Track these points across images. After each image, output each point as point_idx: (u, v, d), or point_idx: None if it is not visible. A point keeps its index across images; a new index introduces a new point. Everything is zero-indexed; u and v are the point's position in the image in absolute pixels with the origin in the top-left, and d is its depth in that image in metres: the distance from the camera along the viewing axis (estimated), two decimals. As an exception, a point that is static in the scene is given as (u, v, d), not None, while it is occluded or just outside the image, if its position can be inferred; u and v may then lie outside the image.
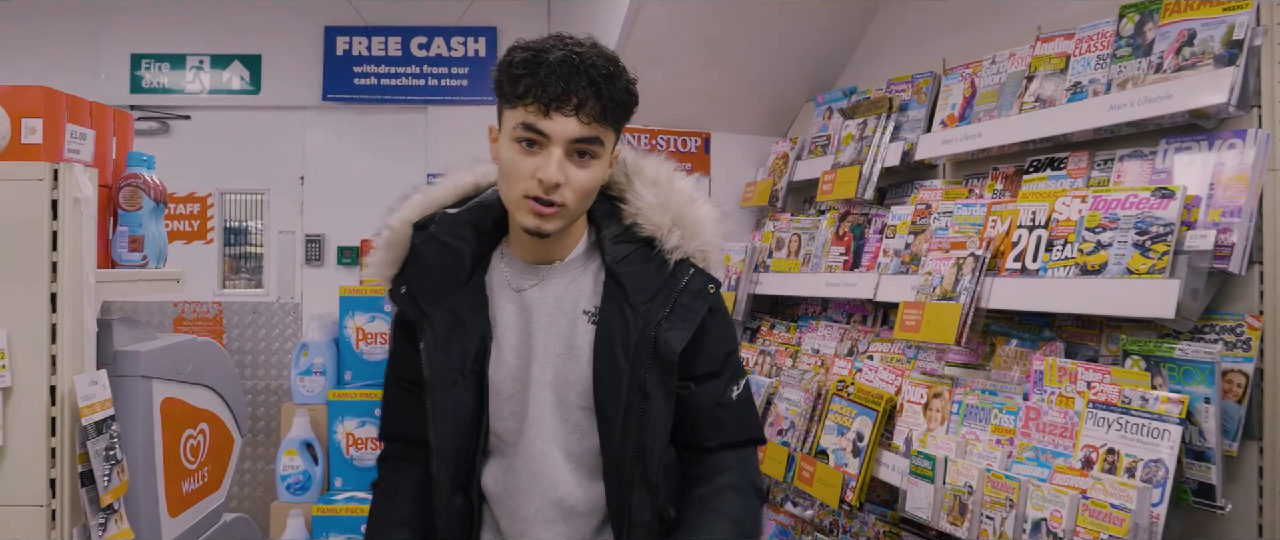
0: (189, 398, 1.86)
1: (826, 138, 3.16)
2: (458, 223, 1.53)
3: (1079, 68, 2.10)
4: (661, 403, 1.46)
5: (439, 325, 1.48)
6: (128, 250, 1.81)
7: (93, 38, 4.65)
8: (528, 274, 1.53)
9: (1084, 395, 1.83)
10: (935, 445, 2.11)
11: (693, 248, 1.52)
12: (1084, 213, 1.91)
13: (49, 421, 1.66)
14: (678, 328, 1.47)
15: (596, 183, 1.45)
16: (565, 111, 1.36)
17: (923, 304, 2.22)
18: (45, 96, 1.66)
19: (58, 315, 1.65)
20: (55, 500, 1.65)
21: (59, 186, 1.65)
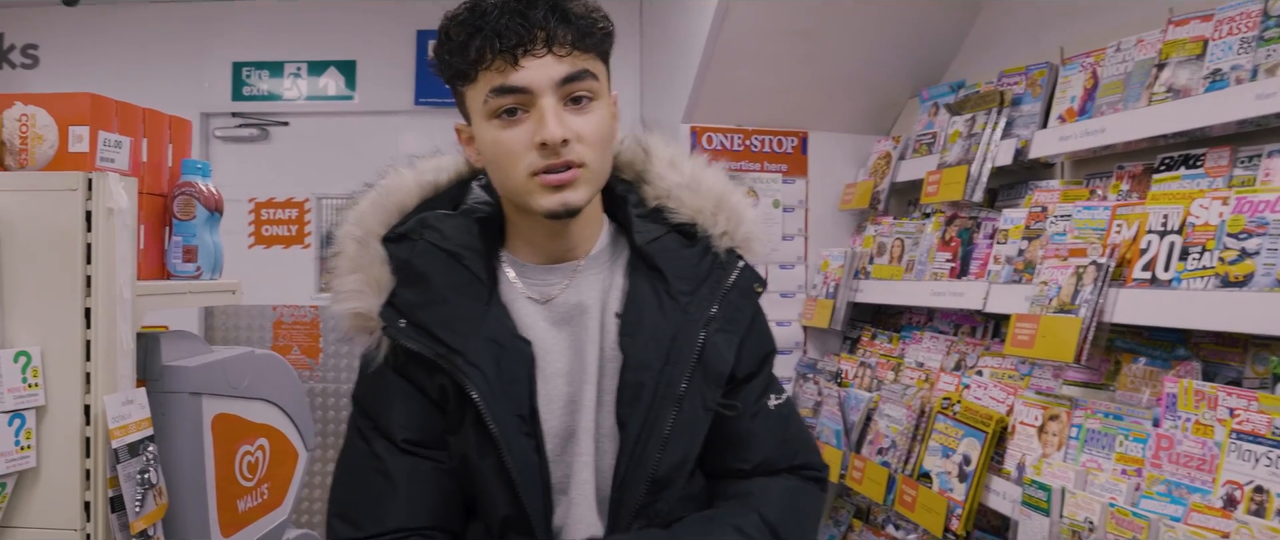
0: (245, 413, 1.81)
1: (932, 135, 2.98)
2: (463, 228, 1.25)
3: (1219, 53, 1.88)
4: (696, 419, 1.21)
5: (485, 361, 1.17)
6: (182, 260, 1.79)
7: (197, 47, 4.79)
8: (548, 278, 1.27)
9: (1226, 424, 1.63)
10: (1051, 473, 1.93)
11: (741, 236, 1.29)
12: (1225, 216, 1.71)
13: (83, 442, 1.60)
14: (727, 331, 1.23)
15: (608, 129, 1.19)
16: (536, 52, 1.12)
17: (1037, 317, 2.04)
18: (92, 104, 1.63)
19: (92, 331, 1.58)
20: (90, 524, 1.58)
21: (93, 197, 1.59)
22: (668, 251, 1.25)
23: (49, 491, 1.61)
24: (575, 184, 1.16)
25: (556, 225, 1.22)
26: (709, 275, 1.25)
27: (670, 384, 1.19)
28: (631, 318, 1.23)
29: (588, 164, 1.17)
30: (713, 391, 1.22)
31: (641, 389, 1.19)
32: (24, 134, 1.55)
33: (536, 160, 1.15)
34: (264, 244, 4.83)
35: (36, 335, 1.60)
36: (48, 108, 1.65)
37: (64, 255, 1.59)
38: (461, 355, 1.18)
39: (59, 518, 1.59)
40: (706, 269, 1.26)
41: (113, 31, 4.78)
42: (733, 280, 1.26)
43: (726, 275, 1.26)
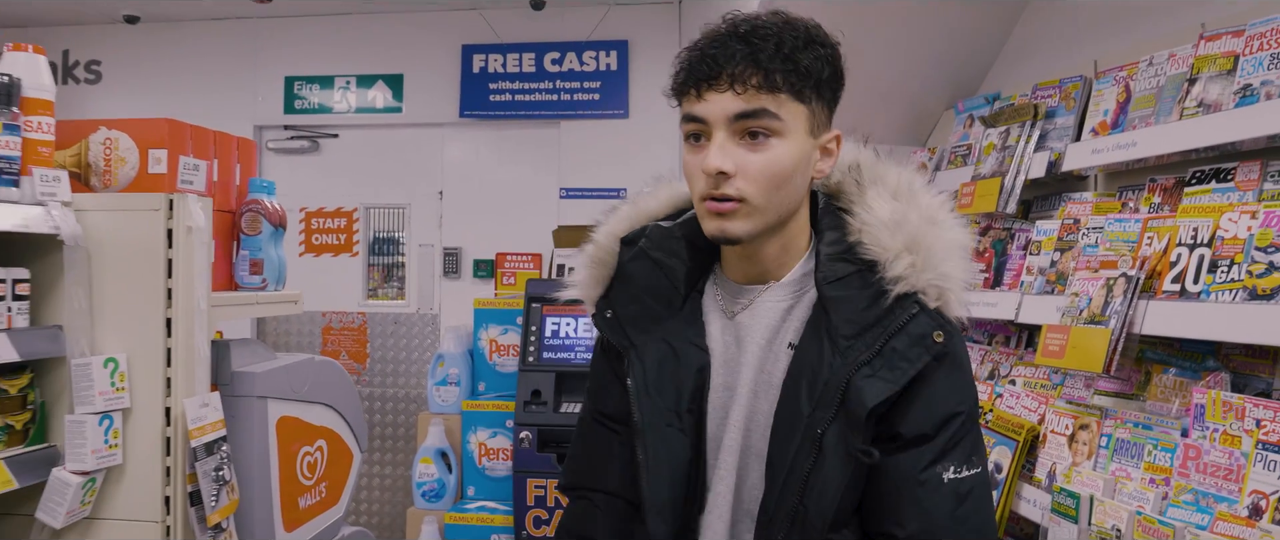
0: (306, 416, 1.95)
1: (967, 147, 3.01)
2: (671, 237, 1.34)
3: (1249, 68, 1.90)
4: (836, 465, 1.19)
5: (649, 357, 1.29)
6: (248, 273, 1.92)
7: (251, 62, 4.95)
8: (739, 296, 1.32)
9: (1253, 434, 1.65)
10: (1080, 482, 1.96)
11: (925, 281, 1.22)
12: (1254, 230, 1.73)
13: (164, 441, 1.74)
14: (881, 377, 1.19)
15: (784, 169, 1.20)
16: (718, 87, 1.18)
17: (1068, 328, 2.07)
18: (170, 128, 1.77)
19: (172, 339, 1.73)
20: (169, 517, 1.73)
21: (174, 216, 1.73)
22: (840, 295, 1.24)
23: (133, 486, 1.77)
24: (733, 216, 1.21)
25: (739, 249, 1.29)
26: (878, 321, 1.21)
27: (813, 426, 1.20)
28: (800, 357, 1.24)
29: (748, 199, 1.20)
30: (857, 436, 1.19)
31: (794, 427, 1.22)
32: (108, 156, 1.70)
33: (705, 186, 1.21)
34: (314, 252, 4.98)
35: (123, 343, 1.74)
36: (129, 132, 1.80)
37: (148, 270, 1.74)
38: (635, 348, 1.31)
39: (142, 510, 1.75)
40: (876, 315, 1.22)
41: (171, 48, 4.96)
42: (902, 325, 1.20)
43: (894, 321, 1.21)
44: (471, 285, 4.81)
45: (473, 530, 3.63)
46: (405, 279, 4.98)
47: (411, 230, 4.97)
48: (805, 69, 1.22)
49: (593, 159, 4.71)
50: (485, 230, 4.79)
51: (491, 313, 3.89)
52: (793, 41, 1.21)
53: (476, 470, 3.81)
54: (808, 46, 1.23)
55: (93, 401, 1.70)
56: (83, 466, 1.72)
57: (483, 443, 3.81)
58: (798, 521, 1.20)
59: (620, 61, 4.70)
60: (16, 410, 1.74)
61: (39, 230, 1.66)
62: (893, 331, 1.20)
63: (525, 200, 4.76)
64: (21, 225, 1.61)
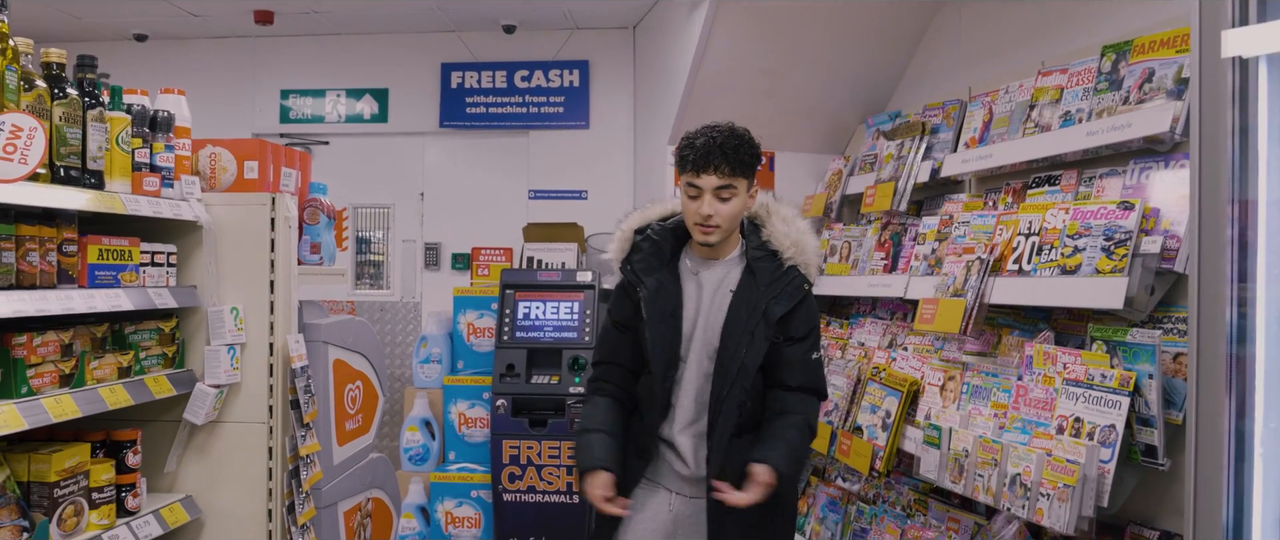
0: (351, 361, 2.55)
1: (874, 156, 3.47)
2: (665, 231, 2.29)
3: (1069, 98, 2.38)
4: (760, 343, 2.16)
5: (650, 286, 2.24)
6: (309, 253, 2.40)
7: (250, 76, 5.29)
8: (701, 265, 2.28)
9: (1061, 374, 2.12)
10: (944, 419, 2.43)
11: (800, 260, 2.24)
12: (1066, 222, 2.21)
13: (268, 367, 2.47)
14: (781, 303, 2.18)
15: (737, 212, 2.17)
16: (708, 172, 2.12)
17: (937, 300, 2.54)
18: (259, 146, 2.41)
19: (274, 295, 2.44)
20: (272, 420, 2.46)
21: (275, 210, 2.43)
22: (761, 266, 2.22)
23: (247, 399, 2.51)
24: (711, 234, 2.18)
25: (704, 248, 2.24)
26: (778, 277, 2.21)
27: (748, 326, 2.17)
28: (739, 295, 2.21)
29: (721, 226, 2.16)
30: (770, 330, 2.17)
31: (737, 326, 2.18)
32: (213, 167, 2.23)
33: (698, 219, 2.17)
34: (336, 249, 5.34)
35: (240, 297, 2.47)
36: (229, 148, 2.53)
37: (256, 246, 2.46)
38: (644, 284, 2.24)
39: (254, 415, 2.50)
40: (777, 274, 2.21)
41: (176, 63, 5.28)
42: (789, 279, 2.21)
43: (787, 277, 2.21)
44: (450, 276, 5.19)
45: (455, 488, 4.01)
46: (387, 271, 5.34)
47: (395, 228, 5.34)
48: (748, 162, 2.16)
49: (557, 165, 5.11)
50: (462, 227, 5.16)
51: (469, 299, 4.26)
52: (743, 148, 2.14)
53: (457, 437, 4.17)
54: (749, 148, 2.16)
55: (223, 336, 2.41)
56: (217, 381, 2.42)
57: (462, 413, 4.16)
58: (740, 370, 2.16)
59: (582, 79, 5.12)
60: (168, 343, 2.44)
61: (185, 217, 2.34)
62: (786, 282, 2.21)
63: (498, 201, 5.15)
64: (176, 214, 2.32)
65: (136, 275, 2.28)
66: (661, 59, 4.28)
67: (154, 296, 2.27)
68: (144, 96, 2.39)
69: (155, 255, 2.36)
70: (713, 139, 2.13)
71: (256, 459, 2.51)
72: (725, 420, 2.19)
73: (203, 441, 2.53)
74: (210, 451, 2.54)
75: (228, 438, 2.52)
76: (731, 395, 2.18)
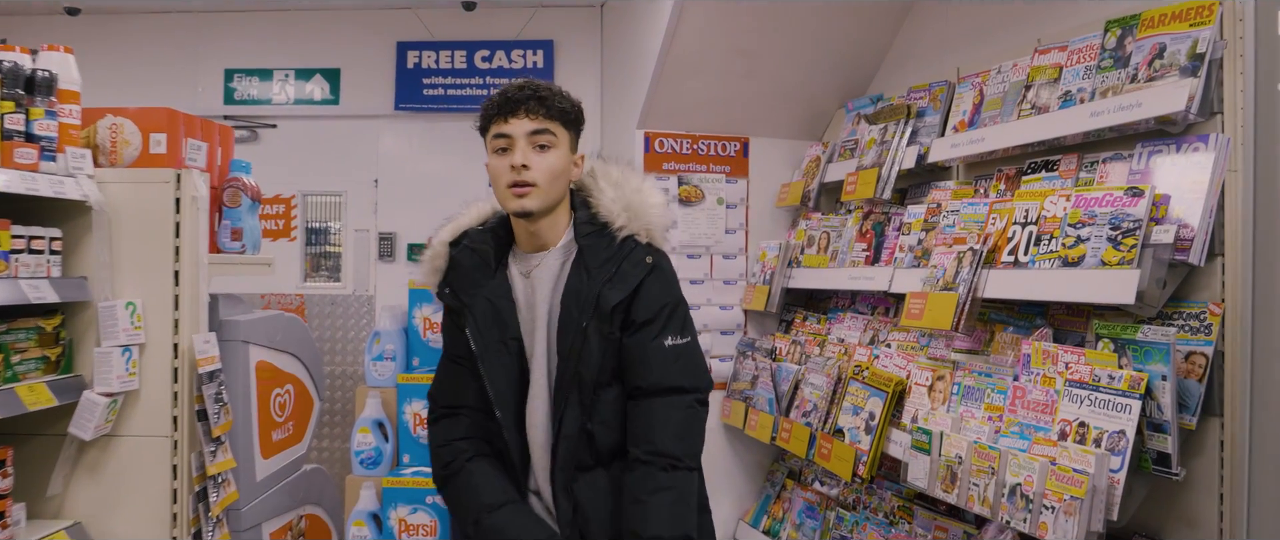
0: (278, 362, 2.26)
1: (855, 142, 3.33)
2: (482, 234, 1.96)
3: (1070, 77, 2.25)
4: (595, 344, 1.84)
5: (477, 310, 1.89)
6: (230, 240, 2.16)
7: (192, 54, 5.04)
8: (528, 260, 1.93)
9: (1063, 375, 1.99)
10: (934, 422, 2.29)
11: (638, 226, 1.90)
12: (1067, 210, 2.07)
13: (172, 371, 2.14)
14: (616, 287, 1.84)
15: (559, 168, 1.85)
16: (519, 115, 1.83)
17: (926, 294, 2.39)
18: (168, 116, 2.06)
19: (180, 288, 2.11)
20: (176, 433, 2.14)
21: (181, 188, 2.11)
22: (590, 244, 1.88)
23: (147, 408, 2.19)
24: (529, 196, 1.83)
25: (526, 223, 1.88)
26: (614, 255, 1.87)
27: (581, 324, 1.84)
28: (569, 289, 1.88)
29: (538, 184, 1.83)
30: (606, 326, 1.84)
31: (568, 327, 1.86)
32: (113, 139, 1.97)
33: (509, 176, 1.83)
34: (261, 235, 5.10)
35: (139, 291, 2.15)
36: (132, 118, 2.19)
37: (159, 231, 2.14)
38: (469, 307, 1.90)
39: (155, 428, 2.19)
40: (612, 251, 1.88)
41: (112, 39, 5.01)
42: (625, 254, 1.87)
43: (622, 252, 1.88)
44: (406, 268, 4.98)
45: (409, 493, 3.82)
46: (341, 263, 5.13)
47: (347, 217, 5.12)
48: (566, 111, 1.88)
49: (521, 151, 4.91)
50: (419, 216, 4.94)
51: (425, 293, 4.06)
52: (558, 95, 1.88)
53: (412, 438, 3.98)
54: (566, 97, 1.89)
55: (117, 336, 2.10)
56: (109, 388, 2.11)
57: (417, 413, 3.97)
58: (577, 383, 1.84)
59: (546, 60, 4.93)
60: (51, 345, 2.14)
61: (71, 196, 2.04)
62: (621, 259, 1.87)
63: (457, 188, 4.89)
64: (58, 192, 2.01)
65: (6, 264, 2.00)
66: (630, 39, 4.12)
67: (28, 290, 1.99)
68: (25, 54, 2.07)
69: (33, 241, 2.05)
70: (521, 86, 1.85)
71: (158, 479, 2.20)
72: (567, 453, 1.84)
73: (94, 459, 2.23)
74: (103, 471, 2.23)
75: (124, 455, 2.20)
76: (569, 418, 1.84)
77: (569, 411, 1.84)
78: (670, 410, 1.85)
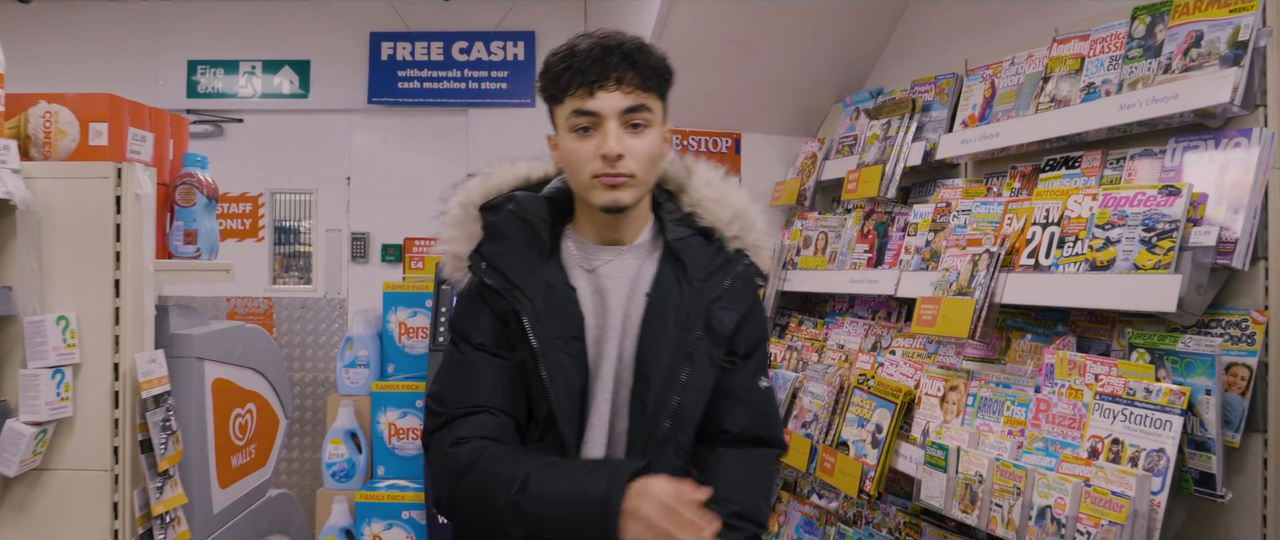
0: (238, 379, 2.01)
1: (853, 138, 3.21)
2: (538, 201, 1.58)
3: (1093, 69, 2.13)
4: (706, 371, 1.53)
5: (535, 294, 1.50)
6: (183, 243, 1.95)
7: (152, 45, 4.84)
8: (597, 254, 1.57)
9: (1092, 388, 1.87)
10: (949, 436, 2.16)
11: (750, 241, 1.63)
12: (1094, 210, 1.95)
13: (112, 395, 1.82)
14: (729, 307, 1.56)
15: (656, 151, 1.50)
16: (608, 88, 1.45)
17: (939, 299, 2.27)
18: (110, 103, 1.80)
19: (121, 299, 1.81)
20: (118, 466, 1.81)
21: (122, 184, 1.81)
22: (690, 248, 1.57)
23: (84, 438, 1.87)
24: (624, 187, 1.47)
25: (609, 217, 1.54)
26: (721, 267, 1.57)
27: (684, 345, 1.51)
28: (658, 296, 1.54)
29: (636, 174, 1.47)
30: (717, 351, 1.54)
31: (661, 349, 1.50)
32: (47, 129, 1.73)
33: (598, 166, 1.46)
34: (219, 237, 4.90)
35: (73, 303, 1.84)
36: (70, 106, 1.86)
37: (97, 234, 1.83)
38: (520, 290, 1.51)
39: (92, 460, 1.86)
40: (719, 262, 1.58)
41: (67, 29, 4.81)
42: (738, 271, 1.59)
43: (733, 267, 1.58)
44: (380, 270, 4.82)
45: (384, 508, 3.66)
46: (312, 264, 4.95)
47: (318, 216, 4.94)
48: (662, 73, 1.51)
49: (500, 146, 4.75)
50: (393, 216, 4.80)
51: (400, 296, 3.92)
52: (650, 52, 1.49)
53: (386, 450, 3.83)
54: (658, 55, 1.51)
55: (45, 356, 1.78)
56: (36, 417, 1.79)
57: (392, 423, 3.83)
58: (675, 417, 1.51)
59: (527, 52, 4.78)
60: None
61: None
62: (733, 275, 1.58)
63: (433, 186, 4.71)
64: None
65: None
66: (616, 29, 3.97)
67: None
68: None
69: None
70: (604, 40, 1.46)
71: (95, 519, 1.88)
72: None
73: (21, 498, 1.92)
74: (32, 510, 1.92)
75: (56, 492, 1.90)
76: (665, 460, 1.49)
77: (663, 452, 1.49)
78: (759, 465, 1.61)
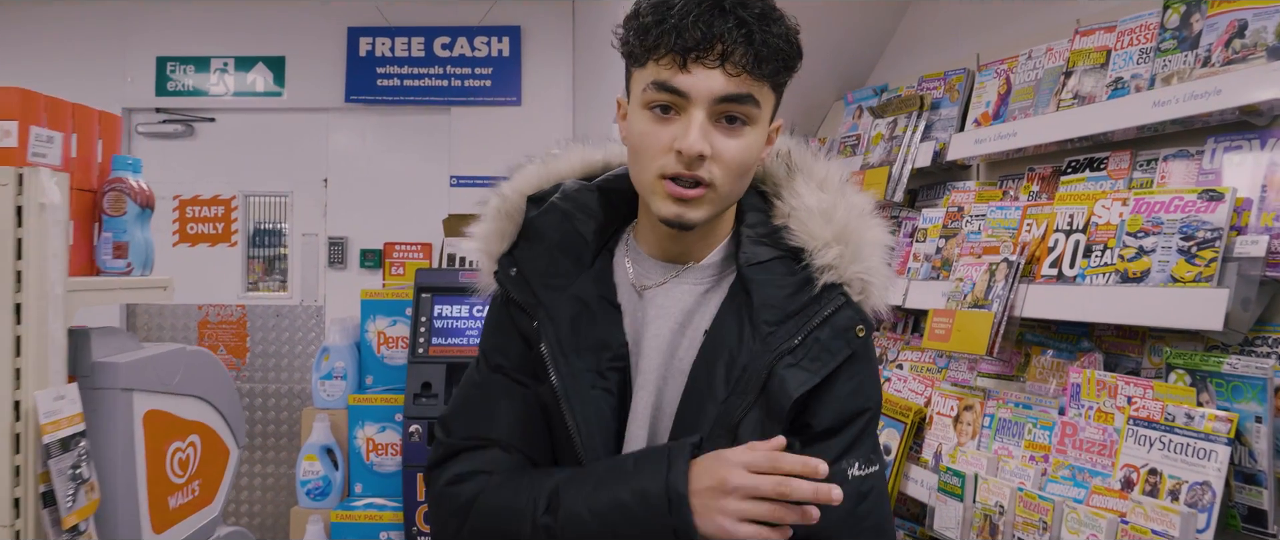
0: (177, 410, 1.79)
1: (856, 137, 3.07)
2: (586, 191, 1.26)
3: (1120, 62, 1.99)
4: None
5: (561, 316, 1.20)
6: (112, 257, 1.76)
7: (119, 41, 4.68)
8: (653, 273, 1.25)
9: (1124, 411, 1.72)
10: (965, 461, 2.02)
11: (852, 273, 1.19)
12: (1125, 216, 1.81)
13: (12, 439, 1.54)
14: (803, 367, 1.13)
15: (752, 158, 1.15)
16: (707, 62, 1.09)
17: (953, 312, 2.12)
18: (21, 99, 1.59)
19: (22, 327, 1.54)
20: (19, 521, 1.54)
21: (24, 192, 1.54)
22: (765, 279, 1.18)
23: None
24: (697, 203, 1.13)
25: (671, 230, 1.20)
26: (803, 309, 1.16)
27: (729, 413, 1.13)
28: (714, 339, 1.18)
29: (716, 186, 1.13)
30: (774, 425, 1.13)
31: (702, 414, 1.15)
32: None
33: (670, 163, 1.12)
34: (189, 242, 4.74)
35: None
36: None
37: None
38: (544, 307, 1.21)
39: None
40: (801, 302, 1.17)
41: (30, 24, 4.64)
42: (825, 316, 1.17)
43: (819, 310, 1.17)
44: (358, 276, 4.67)
45: (361, 528, 3.51)
46: (288, 270, 4.79)
47: (294, 219, 4.78)
48: (786, 56, 1.16)
49: (484, 147, 4.62)
50: (372, 219, 4.65)
51: (379, 304, 3.78)
52: (778, 21, 1.15)
53: (364, 466, 3.70)
54: (786, 27, 1.17)
55: None
56: None
57: (370, 438, 3.70)
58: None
59: (513, 48, 4.62)
60: None
61: None
62: (818, 321, 1.16)
63: (414, 189, 4.64)
64: None
65: None
66: (607, 24, 3.82)
67: None
68: None
69: None
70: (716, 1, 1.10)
71: None
72: None
73: None
74: None
75: None
76: None
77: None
78: None
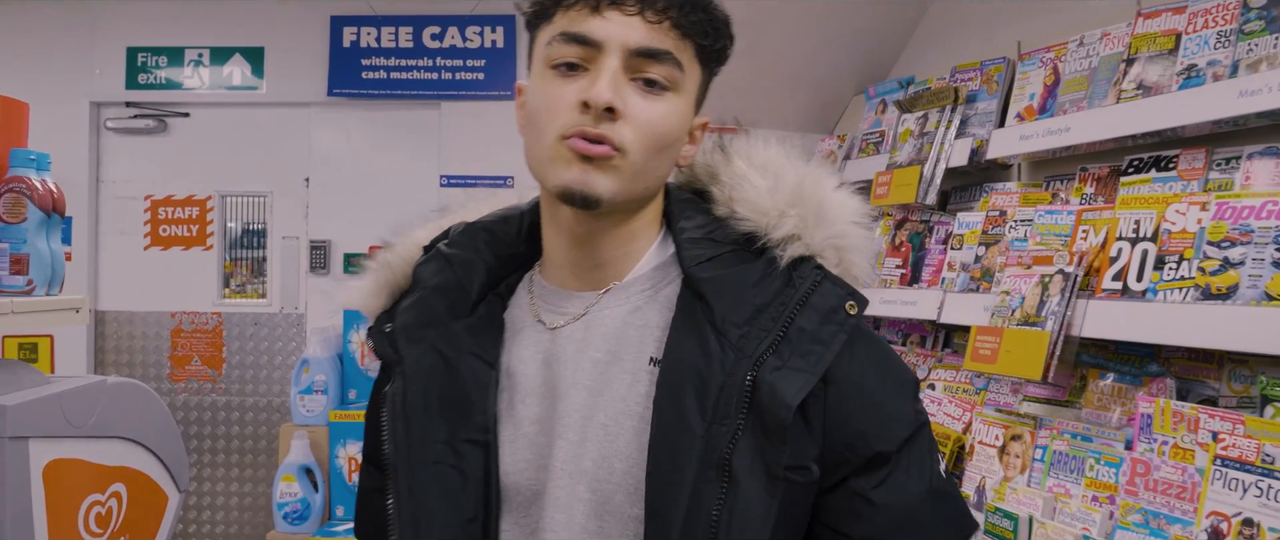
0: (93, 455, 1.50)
1: (880, 134, 2.87)
2: (475, 230, 1.10)
3: (1194, 47, 1.79)
4: (756, 493, 0.90)
5: (411, 370, 1.01)
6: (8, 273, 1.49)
7: (87, 30, 4.47)
8: (566, 304, 1.05)
9: (1209, 449, 1.52)
10: (1016, 501, 1.81)
11: (821, 239, 0.99)
12: (1205, 223, 1.61)
13: None
14: (794, 367, 0.93)
15: (671, 132, 0.98)
16: (625, 8, 0.95)
17: (1000, 330, 1.92)
18: None
19: None
20: None
21: None
22: (720, 275, 0.98)
23: None
24: (604, 166, 0.95)
25: (578, 226, 1.02)
26: (774, 298, 0.96)
27: (713, 448, 0.91)
28: (672, 365, 0.95)
29: (627, 151, 0.95)
30: (776, 451, 0.91)
31: (681, 461, 0.91)
32: None
33: (573, 119, 0.95)
34: (161, 245, 4.53)
35: None
36: None
37: None
38: (403, 363, 1.03)
39: None
40: (771, 291, 0.97)
41: (-7, 13, 4.43)
42: (804, 296, 0.96)
43: (794, 292, 0.96)
44: (342, 282, 4.46)
45: (342, 555, 3.33)
46: (267, 275, 4.58)
47: (274, 221, 4.57)
48: (714, 26, 1.02)
49: (477, 144, 4.41)
50: (357, 221, 4.44)
51: (363, 313, 3.59)
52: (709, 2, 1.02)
53: (346, 488, 3.51)
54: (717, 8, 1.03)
55: None
56: None
57: (353, 457, 3.51)
58: None
59: (507, 38, 4.42)
60: None
61: None
62: (795, 307, 0.95)
63: (402, 188, 4.44)
64: None
65: None
66: (605, 12, 3.63)
67: None
68: None
69: None
70: None
71: None
72: None
73: None
74: None
75: None
76: None
77: None
78: None
